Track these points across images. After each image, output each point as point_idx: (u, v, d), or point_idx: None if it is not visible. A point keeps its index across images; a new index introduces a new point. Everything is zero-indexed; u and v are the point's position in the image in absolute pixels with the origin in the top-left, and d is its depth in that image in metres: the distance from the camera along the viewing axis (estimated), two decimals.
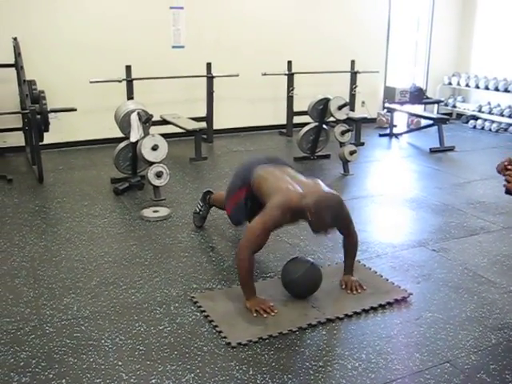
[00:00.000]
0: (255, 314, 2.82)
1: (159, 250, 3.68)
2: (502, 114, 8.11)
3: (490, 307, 2.97)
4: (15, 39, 5.64)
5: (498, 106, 8.25)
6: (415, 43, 9.02)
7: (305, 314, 2.85)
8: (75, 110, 5.21)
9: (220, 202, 3.83)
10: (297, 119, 7.28)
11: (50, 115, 5.09)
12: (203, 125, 6.49)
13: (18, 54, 5.53)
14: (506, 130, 8.06)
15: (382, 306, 2.95)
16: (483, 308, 2.96)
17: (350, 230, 3.16)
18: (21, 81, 5.43)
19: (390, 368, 2.43)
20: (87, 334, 2.67)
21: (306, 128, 6.05)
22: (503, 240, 3.88)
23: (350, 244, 3.19)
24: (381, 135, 7.68)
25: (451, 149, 6.86)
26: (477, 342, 2.63)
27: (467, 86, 8.69)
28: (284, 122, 7.48)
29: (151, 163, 4.61)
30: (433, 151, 6.75)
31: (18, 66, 5.52)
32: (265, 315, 2.82)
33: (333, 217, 2.83)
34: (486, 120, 8.35)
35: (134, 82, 6.21)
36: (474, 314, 2.90)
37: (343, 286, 3.12)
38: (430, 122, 7.34)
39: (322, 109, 5.85)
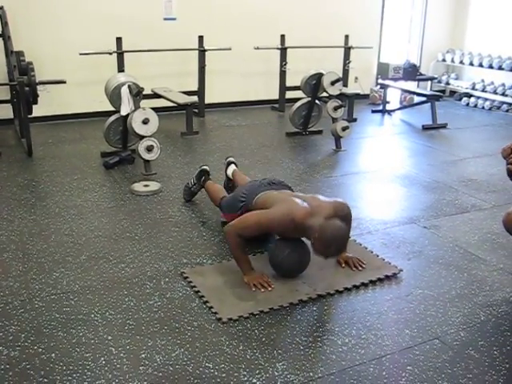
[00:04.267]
0: (254, 289, 2.82)
1: (149, 225, 3.65)
2: (495, 92, 8.08)
3: (479, 284, 2.99)
4: (2, 8, 5.50)
5: (492, 83, 8.21)
6: (410, 19, 8.92)
7: (296, 289, 2.85)
8: (64, 82, 5.11)
9: (212, 196, 3.77)
10: (289, 94, 7.21)
11: (39, 87, 5.00)
12: (195, 99, 6.42)
13: (4, 24, 5.40)
14: (498, 107, 8.05)
15: (372, 282, 2.96)
16: (473, 285, 2.98)
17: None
18: (8, 52, 5.31)
19: (379, 344, 2.44)
20: (77, 308, 2.66)
21: (299, 103, 6.00)
22: (494, 218, 3.89)
23: (345, 221, 3.10)
24: (373, 111, 7.64)
25: (444, 126, 6.85)
26: (466, 319, 2.65)
27: (461, 63, 8.64)
28: (276, 96, 7.41)
29: (142, 137, 4.55)
30: (425, 128, 6.73)
31: (5, 36, 5.39)
32: (262, 290, 2.82)
33: (337, 247, 2.75)
34: (479, 98, 8.32)
35: (125, 54, 6.11)
36: (464, 290, 2.92)
37: (343, 265, 3.10)
38: (423, 98, 7.31)
39: (314, 84, 5.79)
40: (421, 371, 2.27)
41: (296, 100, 6.11)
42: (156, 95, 6.45)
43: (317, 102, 5.99)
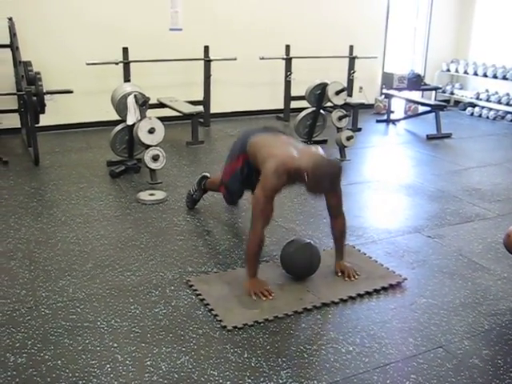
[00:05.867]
0: (254, 298, 2.83)
1: (155, 233, 3.68)
2: (499, 102, 8.10)
3: (483, 293, 2.99)
4: (10, 19, 5.58)
5: (496, 93, 8.23)
6: (414, 29, 8.97)
7: (300, 298, 2.86)
8: (71, 91, 5.17)
9: (214, 184, 3.85)
10: (294, 104, 7.24)
11: (46, 97, 5.04)
12: (200, 108, 6.46)
13: (13, 35, 5.47)
14: (503, 117, 8.05)
15: (376, 291, 2.96)
16: (477, 294, 2.98)
17: (340, 209, 3.13)
18: (16, 62, 5.38)
19: (383, 352, 2.45)
20: (83, 315, 2.68)
21: (304, 113, 6.03)
22: (498, 227, 3.90)
23: (340, 227, 3.16)
24: (378, 121, 7.67)
25: (448, 136, 6.86)
26: (470, 328, 2.66)
27: (465, 72, 8.66)
28: (281, 106, 7.45)
29: (148, 146, 4.59)
30: (430, 138, 6.75)
31: (13, 46, 5.46)
32: (264, 298, 2.83)
33: (331, 181, 2.83)
34: (483, 107, 8.33)
35: (131, 64, 6.16)
36: (468, 299, 2.92)
37: (339, 274, 3.11)
38: (428, 108, 7.33)
39: (319, 94, 5.83)
40: (425, 380, 2.27)
41: (301, 110, 6.14)
42: (162, 105, 6.49)
43: (321, 111, 6.03)
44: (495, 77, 8.13)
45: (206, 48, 6.71)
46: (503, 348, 2.51)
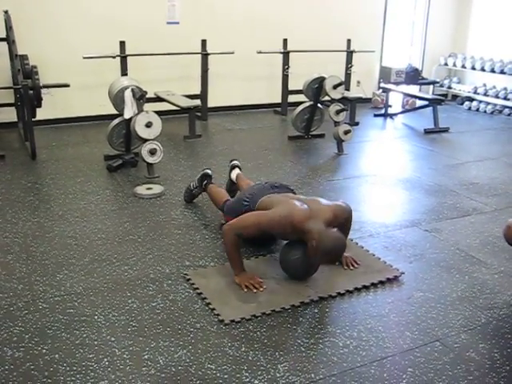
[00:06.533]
0: (245, 290, 2.85)
1: (152, 227, 3.67)
2: (497, 96, 8.10)
3: (480, 287, 3.00)
4: (6, 12, 5.54)
5: (494, 87, 8.23)
6: (412, 23, 8.95)
7: (297, 292, 2.87)
8: (68, 85, 5.15)
9: (215, 198, 3.79)
10: (292, 98, 7.24)
11: (43, 91, 5.02)
12: (197, 102, 6.45)
13: (9, 28, 5.44)
14: (500, 111, 8.06)
15: (374, 285, 2.97)
16: (474, 288, 2.99)
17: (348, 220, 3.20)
18: (13, 55, 5.35)
19: (380, 346, 2.45)
20: (80, 310, 2.68)
21: (301, 107, 6.02)
22: (495, 221, 3.90)
23: (345, 224, 3.18)
24: (376, 115, 7.66)
25: (446, 130, 6.86)
26: (467, 322, 2.66)
27: (463, 67, 8.66)
28: (279, 100, 7.44)
29: (145, 140, 4.58)
30: (427, 132, 6.75)
31: (9, 40, 5.44)
32: (254, 290, 2.84)
33: (332, 257, 2.86)
34: (481, 102, 8.34)
35: (128, 58, 6.14)
36: (465, 293, 2.93)
37: (337, 263, 3.13)
38: (425, 102, 7.32)
39: (317, 88, 5.82)
40: (421, 373, 2.28)
41: (298, 104, 6.13)
42: (159, 99, 6.47)
43: (319, 105, 6.02)
44: (493, 71, 8.13)
45: (204, 42, 6.69)
46: (500, 341, 2.51)
